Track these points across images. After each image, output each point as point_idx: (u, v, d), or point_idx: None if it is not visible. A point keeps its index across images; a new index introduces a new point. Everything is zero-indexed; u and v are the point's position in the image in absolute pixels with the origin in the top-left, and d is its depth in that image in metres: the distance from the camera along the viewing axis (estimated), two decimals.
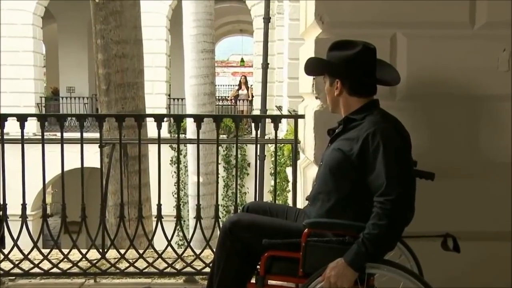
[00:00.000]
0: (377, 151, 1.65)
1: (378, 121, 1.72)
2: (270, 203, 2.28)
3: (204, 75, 7.72)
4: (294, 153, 2.92)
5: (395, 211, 1.58)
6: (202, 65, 7.70)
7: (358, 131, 1.74)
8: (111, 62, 4.70)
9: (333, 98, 1.88)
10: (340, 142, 1.79)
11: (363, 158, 1.68)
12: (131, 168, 4.36)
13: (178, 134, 2.81)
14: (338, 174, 1.73)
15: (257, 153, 2.95)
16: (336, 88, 1.86)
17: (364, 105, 1.82)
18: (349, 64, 1.80)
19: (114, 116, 3.21)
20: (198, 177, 2.95)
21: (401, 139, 1.69)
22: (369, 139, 1.68)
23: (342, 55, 1.81)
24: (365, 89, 1.83)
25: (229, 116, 3.26)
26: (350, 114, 1.84)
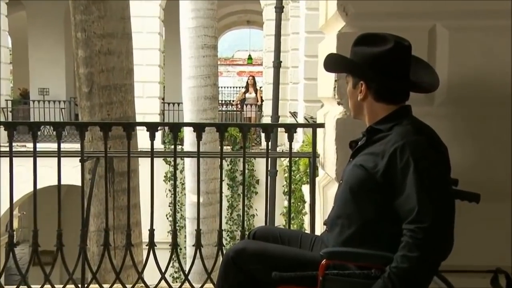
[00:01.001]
0: (406, 169, 1.63)
1: (408, 133, 1.70)
2: (282, 228, 2.28)
3: (205, 75, 7.78)
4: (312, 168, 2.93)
5: (428, 241, 1.55)
6: (203, 63, 7.77)
7: (384, 144, 1.73)
8: (94, 60, 4.72)
9: (356, 102, 1.88)
10: (362, 157, 1.78)
11: (390, 177, 1.66)
12: (118, 186, 4.38)
13: (175, 145, 2.83)
14: (360, 195, 1.72)
15: (267, 168, 2.95)
16: (360, 92, 1.85)
17: (392, 112, 1.81)
18: (377, 63, 1.79)
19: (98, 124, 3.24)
20: (198, 197, 2.96)
21: (437, 155, 1.67)
22: (397, 154, 1.66)
23: (368, 52, 1.80)
24: (395, 94, 1.82)
25: (235, 125, 3.28)
26: (375, 123, 1.83)
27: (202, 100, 7.73)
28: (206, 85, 7.75)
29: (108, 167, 2.88)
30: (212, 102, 7.84)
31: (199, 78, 7.75)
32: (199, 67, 7.74)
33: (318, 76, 2.61)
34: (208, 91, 7.78)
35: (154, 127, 2.76)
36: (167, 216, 10.90)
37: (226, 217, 11.32)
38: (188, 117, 7.78)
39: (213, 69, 7.88)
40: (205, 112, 7.71)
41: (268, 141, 2.89)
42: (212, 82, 7.83)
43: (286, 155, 2.96)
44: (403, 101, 1.84)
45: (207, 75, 7.75)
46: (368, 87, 1.84)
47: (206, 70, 7.75)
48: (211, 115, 7.76)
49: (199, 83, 7.74)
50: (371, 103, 1.84)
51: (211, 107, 7.78)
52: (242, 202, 2.95)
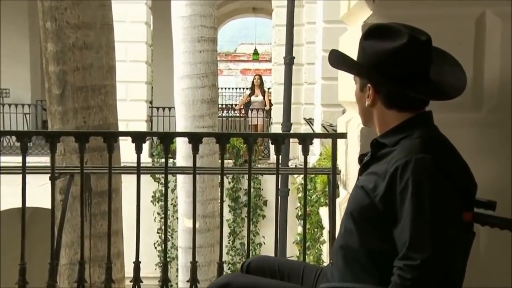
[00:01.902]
0: (405, 192, 1.63)
1: (414, 149, 1.69)
2: (281, 259, 2.29)
3: (202, 74, 7.82)
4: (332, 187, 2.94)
5: (418, 283, 1.55)
6: (199, 60, 7.81)
7: (387, 162, 1.72)
8: (67, 56, 4.70)
9: (364, 108, 1.89)
10: (365, 176, 1.79)
11: (390, 202, 1.67)
12: (96, 209, 4.38)
13: (166, 159, 2.86)
14: (362, 223, 1.74)
15: (277, 187, 2.95)
16: (368, 96, 1.86)
17: (404, 122, 1.80)
18: (387, 62, 1.78)
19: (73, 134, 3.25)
20: (194, 221, 2.96)
21: (442, 177, 1.65)
22: (398, 175, 1.66)
23: (378, 48, 1.80)
24: (409, 99, 1.80)
25: (238, 135, 3.29)
26: (382, 135, 1.83)
27: (198, 104, 7.75)
28: (203, 86, 7.77)
29: (84, 186, 2.89)
30: (211, 107, 7.86)
31: (194, 77, 7.77)
32: (194, 64, 7.77)
33: (339, 76, 2.61)
34: (206, 93, 7.80)
35: (141, 137, 2.77)
36: (155, 245, 10.90)
37: (227, 246, 11.31)
38: (182, 125, 7.80)
39: (212, 66, 7.91)
40: (202, 118, 7.73)
41: (278, 155, 2.89)
42: (211, 82, 7.86)
43: (301, 171, 2.96)
44: (421, 107, 1.82)
45: (205, 74, 7.78)
46: (377, 91, 1.84)
47: (203, 68, 7.78)
48: (210, 122, 7.78)
49: (195, 84, 7.76)
50: (381, 110, 1.84)
51: (209, 113, 7.80)
52: (247, 228, 2.95)
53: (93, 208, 4.27)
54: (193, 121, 7.73)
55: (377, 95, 1.83)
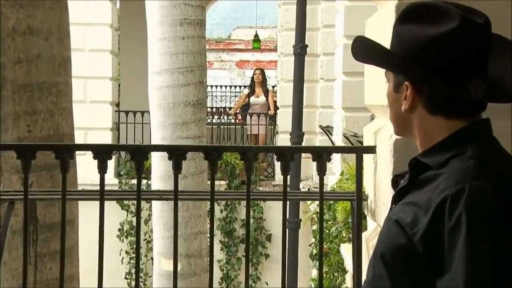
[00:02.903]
0: (456, 233, 1.60)
1: (468, 173, 1.67)
2: None
3: (186, 68, 7.83)
4: (357, 218, 2.94)
5: None
6: (182, 49, 7.82)
7: (431, 190, 1.69)
8: (5, 44, 4.66)
9: (399, 114, 1.85)
10: (401, 207, 1.76)
11: (433, 243, 1.65)
12: (44, 247, 4.37)
13: (139, 181, 2.91)
14: (395, 267, 1.73)
15: (285, 216, 2.95)
16: (405, 98, 1.81)
17: (454, 134, 1.76)
18: (432, 54, 1.75)
19: (14, 147, 3.25)
20: (175, 263, 2.96)
21: (506, 213, 1.62)
22: (446, 208, 1.63)
23: (419, 34, 1.77)
24: (460, 103, 1.76)
25: (234, 149, 3.31)
26: (424, 153, 1.80)
27: (181, 107, 7.75)
28: (188, 83, 7.78)
29: (28, 217, 2.89)
30: (197, 111, 7.86)
31: (175, 72, 7.78)
32: (175, 55, 7.78)
33: (365, 71, 2.63)
34: (191, 94, 7.81)
35: (105, 151, 2.79)
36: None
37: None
38: (159, 135, 7.81)
39: (199, 58, 7.92)
40: (185, 126, 7.74)
41: (286, 175, 2.90)
42: (197, 79, 7.87)
43: (315, 197, 2.97)
44: (476, 113, 1.78)
45: (189, 67, 7.79)
46: (417, 92, 1.79)
47: (187, 60, 7.79)
48: (196, 131, 7.79)
49: (176, 81, 7.77)
50: (423, 116, 1.80)
51: (195, 119, 7.80)
52: (245, 272, 2.95)
53: (40, 247, 4.26)
54: (174, 130, 7.74)
55: (418, 97, 1.79)
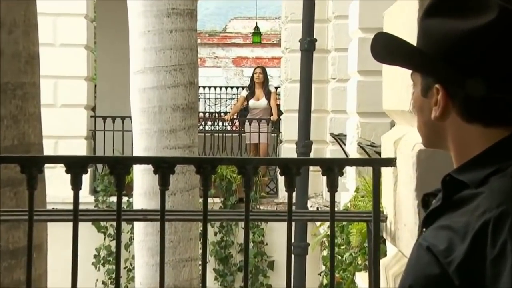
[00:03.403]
0: (500, 262, 1.61)
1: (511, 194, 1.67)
2: None
3: (174, 66, 7.84)
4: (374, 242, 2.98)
5: None
6: (169, 44, 7.84)
7: (469, 212, 1.69)
8: None
9: (428, 122, 1.84)
10: (433, 231, 1.76)
11: (473, 274, 1.65)
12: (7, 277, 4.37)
13: (119, 198, 2.94)
14: None
15: (290, 240, 2.97)
16: (436, 104, 1.80)
17: (494, 146, 1.76)
18: (466, 50, 1.76)
19: None
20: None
21: None
22: (488, 234, 1.63)
23: (450, 29, 1.77)
24: (502, 109, 1.76)
25: (230, 161, 3.33)
26: (459, 169, 1.81)
27: (168, 112, 7.76)
28: (176, 84, 7.79)
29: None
30: (187, 116, 7.87)
31: (162, 71, 7.79)
32: (162, 51, 7.79)
33: (384, 70, 2.65)
34: (180, 96, 7.82)
35: (79, 164, 2.81)
36: None
37: None
38: (142, 144, 7.82)
39: (189, 54, 7.94)
40: (173, 135, 7.75)
41: (292, 191, 2.92)
42: (187, 78, 7.88)
43: (326, 217, 2.99)
44: None
45: (178, 65, 7.80)
46: (450, 95, 1.78)
47: (175, 57, 7.80)
48: (185, 140, 7.80)
49: (163, 81, 7.78)
50: (457, 125, 1.80)
51: (185, 126, 7.81)
52: None
53: (2, 276, 4.27)
54: (160, 138, 7.75)
55: (451, 102, 1.78)
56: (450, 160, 2.05)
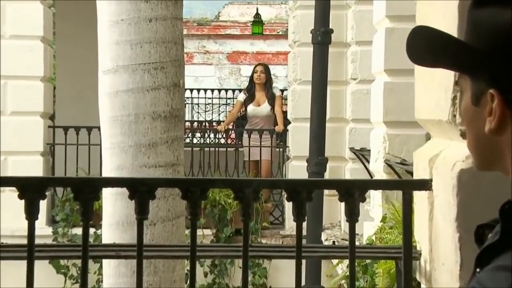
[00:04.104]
0: None
1: None
2: None
3: (154, 64, 7.86)
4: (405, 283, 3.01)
5: None
6: (148, 36, 7.86)
7: None
8: None
9: (481, 137, 1.88)
10: (490, 273, 1.78)
11: None
12: None
13: (85, 231, 2.95)
14: None
15: (299, 283, 2.99)
16: (490, 114, 1.83)
17: None
18: None
19: None
20: None
21: None
22: None
23: (504, 22, 1.81)
24: None
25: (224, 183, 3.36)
26: None
27: (146, 121, 7.77)
28: (157, 86, 7.80)
29: None
30: (171, 127, 7.88)
31: (139, 70, 7.80)
32: (139, 44, 7.82)
33: (417, 71, 2.67)
34: (161, 102, 7.83)
35: (36, 187, 2.83)
36: None
37: None
38: (114, 162, 7.82)
39: (173, 48, 7.96)
40: (153, 150, 7.76)
41: (302, 220, 2.95)
42: (171, 79, 7.89)
43: (344, 253, 3.02)
44: None
45: (159, 63, 7.83)
46: (508, 103, 1.80)
47: (155, 52, 7.83)
48: (168, 156, 7.81)
49: (140, 83, 7.79)
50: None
51: (167, 139, 7.82)
52: None
53: None
54: (137, 154, 7.77)
55: (509, 111, 1.80)
56: (500, 182, 2.05)
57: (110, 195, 7.76)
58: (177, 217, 7.61)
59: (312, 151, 9.68)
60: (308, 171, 10.07)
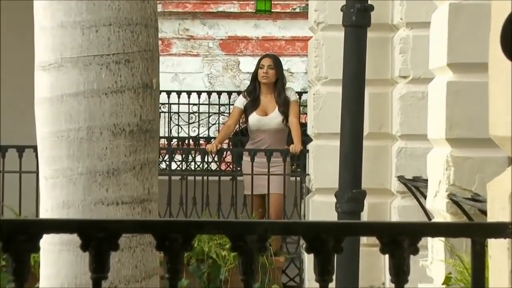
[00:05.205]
0: None
1: None
2: None
3: (115, 56, 7.95)
4: None
5: None
6: (106, 16, 7.95)
7: None
8: None
9: None
10: None
11: None
12: None
13: None
14: None
15: None
16: None
17: None
18: None
19: None
20: None
21: None
22: None
23: None
24: None
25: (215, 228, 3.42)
26: None
27: (104, 139, 7.85)
28: (119, 88, 7.90)
29: None
30: (140, 147, 7.98)
31: (94, 65, 7.91)
32: (94, 28, 7.93)
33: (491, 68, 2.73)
34: (126, 110, 7.94)
35: None
36: None
37: None
38: (58, 196, 7.92)
39: (143, 33, 8.07)
40: (114, 179, 7.85)
41: (328, 281, 2.99)
42: (139, 78, 7.99)
43: None
44: None
45: (122, 54, 7.93)
46: None
47: (118, 40, 7.92)
48: (136, 188, 7.89)
49: (95, 83, 7.88)
50: None
51: (134, 163, 7.90)
52: None
53: None
54: (90, 186, 7.87)
55: None
56: None
57: (52, 245, 7.76)
58: (149, 276, 7.64)
59: (344, 182, 9.73)
60: (337, 210, 10.13)
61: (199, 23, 27.76)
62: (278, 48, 21.14)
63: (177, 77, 24.83)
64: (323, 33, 12.50)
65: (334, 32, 11.29)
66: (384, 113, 11.68)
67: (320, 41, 12.70)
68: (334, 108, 10.72)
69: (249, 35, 26.74)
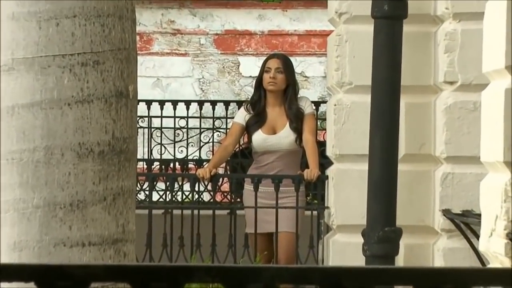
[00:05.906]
0: None
1: None
2: None
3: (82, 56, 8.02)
4: None
5: None
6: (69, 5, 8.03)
7: None
8: None
9: None
10: None
11: None
12: None
13: None
14: None
15: None
16: None
17: None
18: None
19: None
20: None
21: None
22: None
23: None
24: None
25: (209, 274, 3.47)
26: None
27: (67, 161, 7.93)
28: (86, 97, 7.99)
29: None
30: (113, 171, 8.06)
31: (53, 68, 7.98)
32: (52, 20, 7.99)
33: None
34: (95, 125, 8.02)
35: None
36: None
37: None
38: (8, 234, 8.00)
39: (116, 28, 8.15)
40: (79, 213, 7.94)
41: None
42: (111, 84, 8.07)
43: None
44: None
45: (90, 54, 8.01)
46: None
47: (85, 36, 8.01)
48: (108, 225, 7.98)
49: (55, 91, 7.97)
50: None
51: (105, 193, 7.99)
52: None
53: None
54: (49, 221, 7.93)
55: None
56: None
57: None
58: None
59: (373, 217, 9.78)
60: (365, 254, 10.17)
61: (187, 13, 27.80)
62: (289, 45, 21.16)
63: (159, 82, 24.88)
64: (347, 27, 12.53)
65: (361, 26, 11.35)
66: (425, 129, 11.71)
67: (343, 36, 12.73)
68: (361, 123, 10.77)
69: (251, 28, 26.77)
